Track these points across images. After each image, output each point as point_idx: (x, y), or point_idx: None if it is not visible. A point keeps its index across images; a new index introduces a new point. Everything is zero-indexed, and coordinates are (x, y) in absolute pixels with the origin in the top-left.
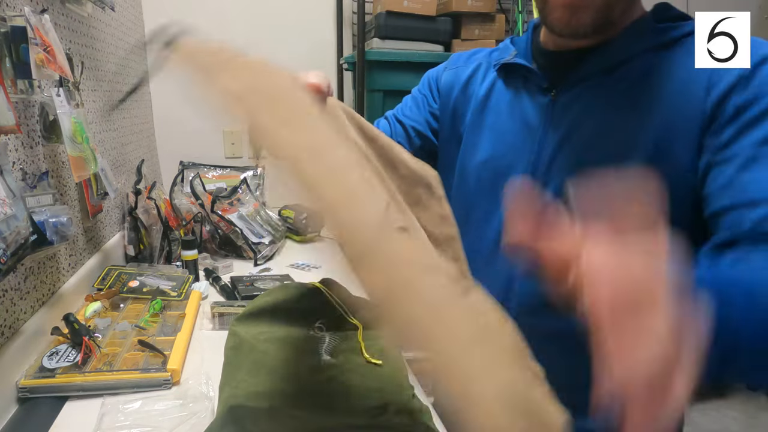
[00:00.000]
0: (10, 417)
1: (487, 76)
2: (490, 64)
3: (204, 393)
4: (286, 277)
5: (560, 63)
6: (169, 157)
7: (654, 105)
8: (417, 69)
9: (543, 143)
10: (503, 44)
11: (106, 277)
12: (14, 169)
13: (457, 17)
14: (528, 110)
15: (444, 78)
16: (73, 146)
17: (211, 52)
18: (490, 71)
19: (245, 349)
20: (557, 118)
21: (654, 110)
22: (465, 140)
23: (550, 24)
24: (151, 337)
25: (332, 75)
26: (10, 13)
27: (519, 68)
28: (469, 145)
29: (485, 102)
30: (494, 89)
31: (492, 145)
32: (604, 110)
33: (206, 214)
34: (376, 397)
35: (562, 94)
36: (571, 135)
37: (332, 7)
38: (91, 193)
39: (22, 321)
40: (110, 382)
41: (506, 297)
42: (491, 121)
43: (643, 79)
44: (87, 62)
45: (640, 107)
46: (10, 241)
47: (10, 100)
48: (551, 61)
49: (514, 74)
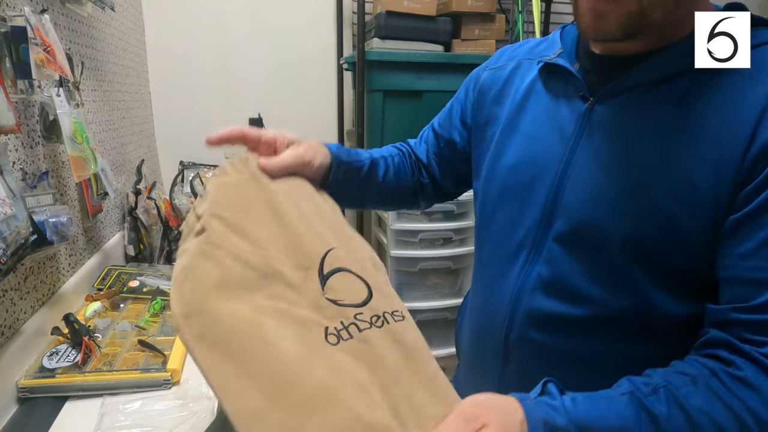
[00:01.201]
0: (10, 417)
1: (528, 74)
2: (533, 59)
3: (204, 393)
4: None
5: (605, 68)
6: (169, 157)
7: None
8: (417, 69)
9: (573, 153)
10: (552, 36)
11: (106, 277)
12: (14, 169)
13: (457, 17)
14: (564, 117)
15: (483, 79)
16: (73, 146)
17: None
18: (532, 68)
19: None
20: (591, 129)
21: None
22: (497, 141)
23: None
24: (151, 337)
25: (332, 75)
26: (10, 13)
27: (561, 69)
28: (501, 147)
29: (522, 103)
30: (533, 91)
31: (522, 151)
32: (640, 128)
33: None
34: None
35: (600, 103)
36: (601, 152)
37: (332, 7)
38: (91, 193)
39: (22, 321)
40: (110, 382)
41: (514, 308)
42: (525, 125)
43: (688, 102)
44: (87, 62)
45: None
46: (10, 241)
47: (10, 100)
48: (595, 65)
49: (556, 75)
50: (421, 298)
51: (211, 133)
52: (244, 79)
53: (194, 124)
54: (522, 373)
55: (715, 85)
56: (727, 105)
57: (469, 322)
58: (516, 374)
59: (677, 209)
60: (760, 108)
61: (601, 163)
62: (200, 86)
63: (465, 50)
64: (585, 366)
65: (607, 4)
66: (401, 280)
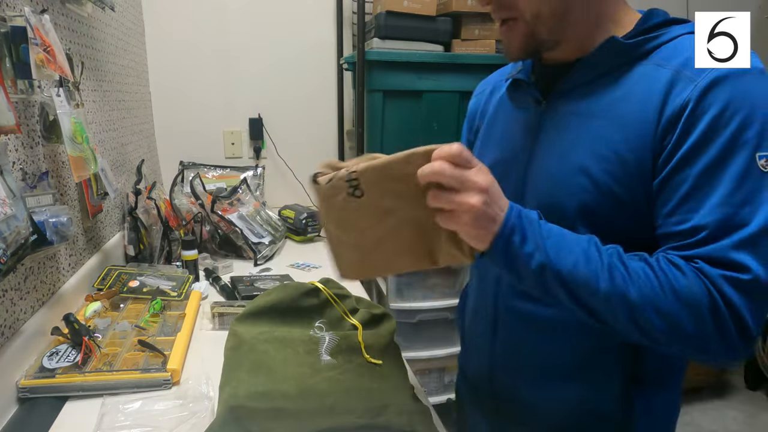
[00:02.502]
0: (10, 417)
1: (498, 92)
2: (503, 79)
3: (204, 393)
4: (286, 277)
5: (550, 76)
6: (169, 157)
7: (618, 119)
8: (417, 69)
9: (533, 148)
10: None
11: (106, 277)
12: (14, 169)
13: (457, 17)
14: (525, 120)
15: (470, 106)
16: (73, 146)
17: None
18: (502, 87)
19: (245, 349)
20: (545, 127)
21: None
22: (479, 150)
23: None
24: (151, 337)
25: (332, 75)
26: (10, 13)
27: (521, 82)
28: (481, 154)
29: (495, 116)
30: (502, 104)
31: (496, 152)
32: (579, 120)
33: (206, 214)
34: (376, 397)
35: (550, 104)
36: (554, 143)
37: (332, 7)
38: (91, 193)
39: (22, 321)
40: (110, 382)
41: (498, 283)
42: (497, 132)
43: (613, 93)
44: (87, 62)
45: (608, 118)
46: (10, 241)
47: (10, 100)
48: (543, 75)
49: (518, 87)
50: (421, 298)
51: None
52: (244, 79)
53: (194, 124)
54: (509, 341)
55: (632, 77)
56: (642, 90)
57: (469, 304)
58: (504, 343)
59: (613, 184)
60: (665, 89)
61: (554, 152)
62: (200, 86)
63: (465, 50)
64: (563, 327)
65: (507, 32)
66: (401, 280)
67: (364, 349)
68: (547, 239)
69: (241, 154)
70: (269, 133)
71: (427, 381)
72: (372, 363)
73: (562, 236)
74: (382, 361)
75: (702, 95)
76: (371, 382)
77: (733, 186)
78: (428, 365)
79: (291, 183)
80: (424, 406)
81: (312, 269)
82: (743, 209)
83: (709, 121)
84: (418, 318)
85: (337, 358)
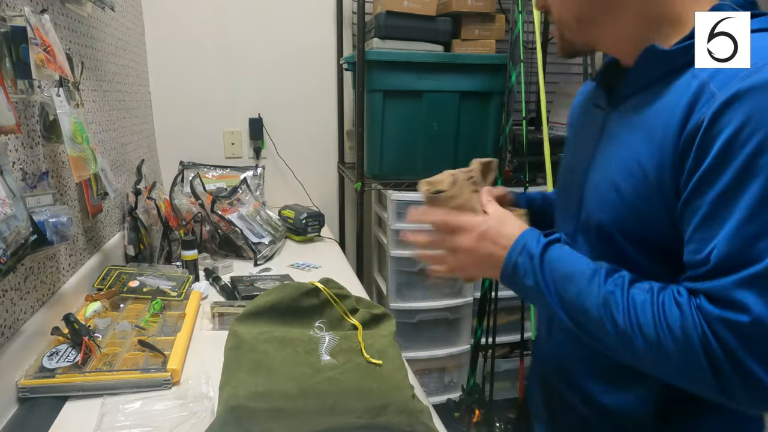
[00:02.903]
0: (10, 417)
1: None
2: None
3: (204, 393)
4: (286, 277)
5: (612, 81)
6: (169, 157)
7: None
8: (417, 69)
9: (592, 159)
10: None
11: (106, 277)
12: (14, 169)
13: (457, 17)
14: (592, 125)
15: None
16: (73, 146)
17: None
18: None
19: (245, 349)
20: (604, 135)
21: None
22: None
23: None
24: (151, 337)
25: (332, 75)
26: (10, 13)
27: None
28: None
29: (575, 119)
30: (582, 106)
31: (567, 159)
32: (626, 131)
33: (206, 214)
34: (376, 397)
35: (611, 110)
36: (606, 154)
37: (332, 7)
38: (91, 193)
39: (22, 321)
40: (110, 382)
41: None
42: (571, 137)
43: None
44: (87, 62)
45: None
46: (10, 241)
47: (10, 100)
48: (608, 79)
49: (593, 90)
50: (421, 298)
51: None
52: (244, 79)
53: (194, 124)
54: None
55: (674, 87)
56: (672, 103)
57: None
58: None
59: (638, 200)
60: (689, 103)
61: (601, 163)
62: (200, 86)
63: (465, 50)
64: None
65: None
66: (401, 280)
67: (364, 349)
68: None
69: (241, 154)
70: (269, 133)
71: (427, 381)
72: (372, 363)
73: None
74: (382, 361)
75: (718, 112)
76: (371, 382)
77: (746, 216)
78: (428, 365)
79: (291, 183)
80: (424, 406)
81: (312, 269)
82: (757, 243)
83: (724, 141)
84: (418, 318)
85: (337, 358)
